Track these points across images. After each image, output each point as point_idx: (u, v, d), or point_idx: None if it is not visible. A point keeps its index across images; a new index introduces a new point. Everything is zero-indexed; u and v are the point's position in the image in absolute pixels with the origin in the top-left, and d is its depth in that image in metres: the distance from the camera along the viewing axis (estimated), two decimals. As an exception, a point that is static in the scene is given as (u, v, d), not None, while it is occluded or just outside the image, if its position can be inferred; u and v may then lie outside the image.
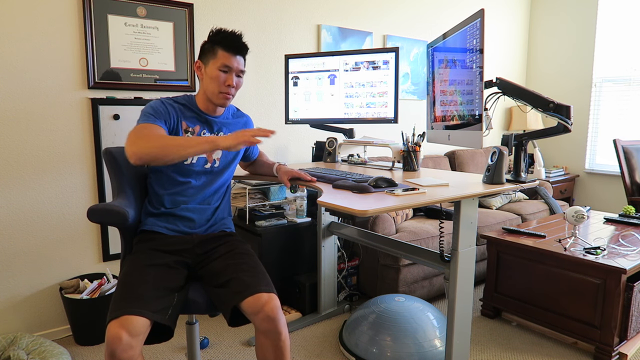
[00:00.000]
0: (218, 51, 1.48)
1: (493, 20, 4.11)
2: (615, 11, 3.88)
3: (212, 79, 1.49)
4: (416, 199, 1.33)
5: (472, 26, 1.50)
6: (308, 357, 2.04)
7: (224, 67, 1.48)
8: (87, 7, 2.10)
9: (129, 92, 2.27)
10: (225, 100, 1.52)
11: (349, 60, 2.23)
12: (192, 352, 1.63)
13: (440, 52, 1.83)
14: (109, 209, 1.35)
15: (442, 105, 1.84)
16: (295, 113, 2.37)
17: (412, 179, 1.70)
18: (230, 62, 1.48)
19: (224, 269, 1.38)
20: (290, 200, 2.64)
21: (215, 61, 1.48)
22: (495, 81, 1.63)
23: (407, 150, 1.98)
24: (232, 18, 2.58)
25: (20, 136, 2.03)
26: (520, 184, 1.60)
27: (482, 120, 1.48)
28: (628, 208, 2.78)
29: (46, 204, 2.12)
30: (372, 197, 1.36)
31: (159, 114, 1.45)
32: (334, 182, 1.57)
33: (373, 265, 2.54)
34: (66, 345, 2.15)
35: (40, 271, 2.14)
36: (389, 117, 2.18)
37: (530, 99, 1.58)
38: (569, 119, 1.52)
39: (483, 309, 2.48)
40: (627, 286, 1.95)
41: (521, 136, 1.67)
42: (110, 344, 1.12)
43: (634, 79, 3.81)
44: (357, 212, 1.17)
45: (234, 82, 1.50)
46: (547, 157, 4.46)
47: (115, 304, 1.19)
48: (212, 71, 1.48)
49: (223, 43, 1.47)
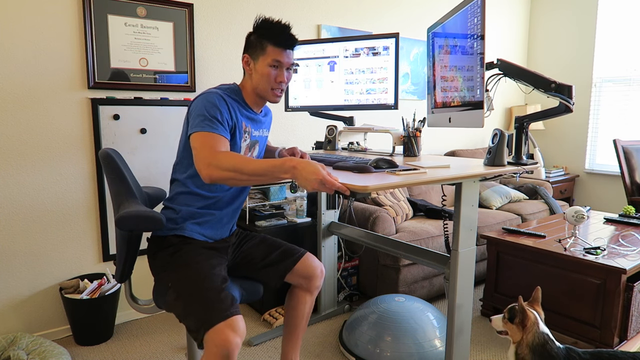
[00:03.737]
0: (267, 46, 1.41)
1: (493, 20, 4.11)
2: (615, 11, 3.88)
3: (262, 76, 1.43)
4: (417, 177, 1.31)
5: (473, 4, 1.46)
6: (308, 357, 2.04)
7: (274, 62, 1.42)
8: (87, 7, 2.10)
9: (129, 92, 2.27)
10: (278, 97, 1.48)
11: (349, 47, 2.20)
12: (192, 352, 1.63)
13: (440, 37, 1.80)
14: (144, 215, 1.27)
15: (442, 91, 1.81)
16: (295, 100, 2.34)
17: (413, 162, 1.68)
18: (281, 57, 1.42)
19: (263, 252, 1.60)
20: (290, 200, 2.64)
21: (265, 57, 1.42)
22: (496, 62, 1.61)
23: (408, 136, 1.96)
24: (232, 18, 2.58)
25: (20, 136, 2.03)
26: (522, 167, 1.58)
27: (484, 100, 1.45)
28: (628, 208, 2.78)
29: (46, 204, 2.12)
30: (373, 176, 1.33)
31: (223, 119, 1.35)
32: (334, 164, 1.53)
33: (373, 265, 2.54)
34: (66, 345, 2.15)
35: (40, 271, 2.14)
36: (389, 103, 2.15)
37: (532, 79, 1.55)
38: (570, 99, 1.49)
39: (483, 309, 2.48)
40: (627, 286, 1.95)
41: (522, 118, 1.65)
42: (223, 347, 1.14)
43: (634, 79, 3.81)
44: (358, 187, 1.15)
45: (285, 77, 1.45)
46: (547, 157, 4.46)
47: (207, 311, 1.19)
48: (263, 68, 1.42)
49: (272, 38, 1.41)
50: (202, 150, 1.26)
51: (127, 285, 1.51)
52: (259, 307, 2.45)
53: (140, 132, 2.31)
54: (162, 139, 2.39)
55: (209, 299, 1.23)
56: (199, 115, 1.32)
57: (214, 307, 1.20)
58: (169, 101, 2.39)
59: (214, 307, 1.20)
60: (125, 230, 1.26)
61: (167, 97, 2.38)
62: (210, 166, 1.21)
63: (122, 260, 1.42)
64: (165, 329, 2.31)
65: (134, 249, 1.44)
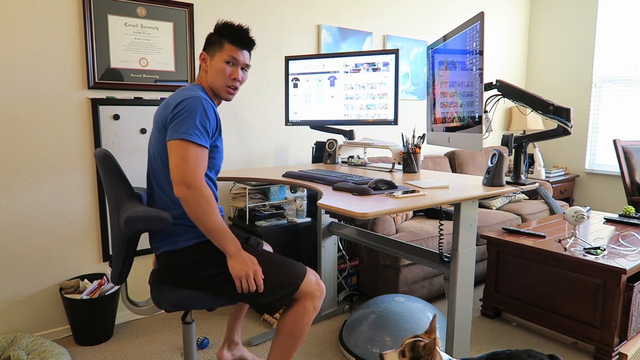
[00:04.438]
0: (225, 44, 1.47)
1: (493, 20, 4.11)
2: (615, 11, 3.88)
3: (217, 72, 1.48)
4: (416, 201, 1.34)
5: (472, 29, 1.50)
6: (308, 357, 2.04)
7: (230, 59, 1.47)
8: (87, 7, 2.10)
9: (129, 92, 2.27)
10: (231, 95, 1.52)
11: (349, 62, 2.23)
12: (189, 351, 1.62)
13: (441, 54, 1.83)
14: (154, 216, 1.28)
15: (442, 107, 1.85)
16: (296, 115, 2.37)
17: (412, 181, 1.70)
18: (236, 54, 1.48)
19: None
20: (290, 200, 2.64)
21: (222, 53, 1.47)
22: (495, 84, 1.64)
23: (407, 152, 1.98)
24: (232, 18, 2.58)
25: (20, 136, 2.03)
26: (520, 186, 1.61)
27: (482, 122, 1.48)
28: (628, 208, 2.78)
29: (46, 204, 2.12)
30: (372, 199, 1.36)
31: (209, 129, 1.38)
32: (334, 184, 1.57)
33: (373, 265, 2.54)
34: (66, 345, 2.15)
35: (40, 271, 2.14)
36: (389, 118, 2.18)
37: (530, 101, 1.58)
38: (568, 122, 1.52)
39: (483, 309, 2.48)
40: (627, 286, 1.95)
41: (521, 138, 1.68)
42: (320, 286, 1.45)
43: (634, 79, 3.81)
44: (357, 214, 1.18)
45: (239, 75, 1.50)
46: (547, 157, 4.47)
47: (292, 269, 1.42)
48: (218, 63, 1.47)
49: (230, 36, 1.47)
50: (189, 165, 1.30)
51: (123, 288, 1.50)
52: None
53: (140, 132, 2.31)
54: (162, 139, 2.39)
55: (285, 262, 1.43)
56: (190, 120, 1.33)
57: (294, 266, 1.43)
58: (169, 101, 2.38)
59: (294, 265, 1.43)
60: (134, 231, 1.26)
61: (167, 97, 2.38)
62: (191, 188, 1.29)
63: (120, 262, 1.40)
64: (164, 329, 2.31)
65: (133, 249, 1.42)
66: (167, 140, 1.34)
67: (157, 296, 1.43)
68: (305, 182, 1.73)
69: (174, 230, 1.43)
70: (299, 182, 1.75)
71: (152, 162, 1.47)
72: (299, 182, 1.75)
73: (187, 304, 1.42)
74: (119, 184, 1.38)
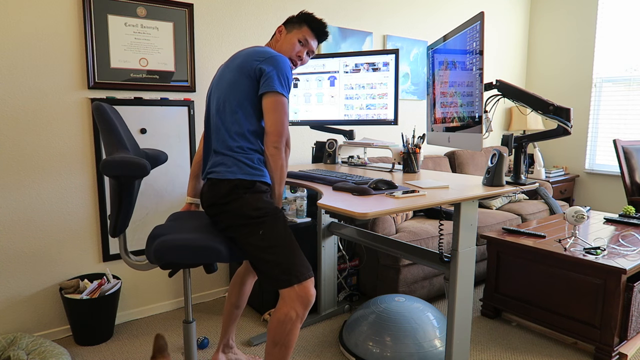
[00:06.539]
0: (304, 26, 1.65)
1: (493, 20, 4.11)
2: (615, 11, 3.88)
3: (289, 44, 1.64)
4: (416, 201, 1.34)
5: (472, 29, 1.50)
6: (308, 357, 2.04)
7: (303, 40, 1.65)
8: (87, 7, 2.10)
9: (129, 92, 2.27)
10: (291, 69, 1.60)
11: (349, 62, 2.24)
12: (189, 351, 1.63)
13: (441, 54, 1.83)
14: (128, 161, 1.28)
15: (442, 107, 1.85)
16: (296, 115, 2.37)
17: (412, 181, 1.70)
18: (310, 38, 1.66)
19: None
20: (290, 200, 2.64)
21: (299, 32, 1.64)
22: (495, 84, 1.64)
23: (407, 152, 1.98)
24: (232, 18, 2.58)
25: (20, 136, 2.03)
26: (520, 186, 1.61)
27: (482, 122, 1.48)
28: (628, 208, 2.78)
29: (46, 204, 2.12)
30: (372, 199, 1.36)
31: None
32: (334, 184, 1.57)
33: (373, 265, 2.54)
34: (66, 345, 2.15)
35: (40, 271, 2.14)
36: (389, 118, 2.18)
37: (530, 101, 1.58)
38: (568, 122, 1.52)
39: (483, 309, 2.48)
40: (627, 286, 1.95)
41: (521, 138, 1.68)
42: (310, 296, 1.43)
43: (634, 79, 3.81)
44: (357, 214, 1.18)
45: (304, 55, 1.67)
46: (547, 157, 4.47)
47: (300, 266, 1.43)
48: (292, 38, 1.64)
49: (311, 23, 1.65)
50: (286, 122, 1.47)
51: (121, 240, 1.50)
52: (258, 307, 2.45)
53: (140, 132, 2.31)
54: (162, 139, 2.39)
55: (301, 257, 1.46)
56: (284, 78, 1.49)
57: (303, 265, 1.44)
58: (169, 101, 2.39)
59: (304, 264, 1.44)
60: (110, 176, 1.29)
61: (167, 97, 2.39)
62: (287, 143, 1.51)
63: (115, 213, 1.40)
64: (164, 329, 2.31)
65: (127, 200, 1.40)
66: (268, 90, 1.46)
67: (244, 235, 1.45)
68: (305, 182, 1.73)
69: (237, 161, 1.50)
70: (298, 182, 1.75)
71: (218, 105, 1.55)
72: (298, 182, 1.75)
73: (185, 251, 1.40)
74: (109, 134, 1.40)
